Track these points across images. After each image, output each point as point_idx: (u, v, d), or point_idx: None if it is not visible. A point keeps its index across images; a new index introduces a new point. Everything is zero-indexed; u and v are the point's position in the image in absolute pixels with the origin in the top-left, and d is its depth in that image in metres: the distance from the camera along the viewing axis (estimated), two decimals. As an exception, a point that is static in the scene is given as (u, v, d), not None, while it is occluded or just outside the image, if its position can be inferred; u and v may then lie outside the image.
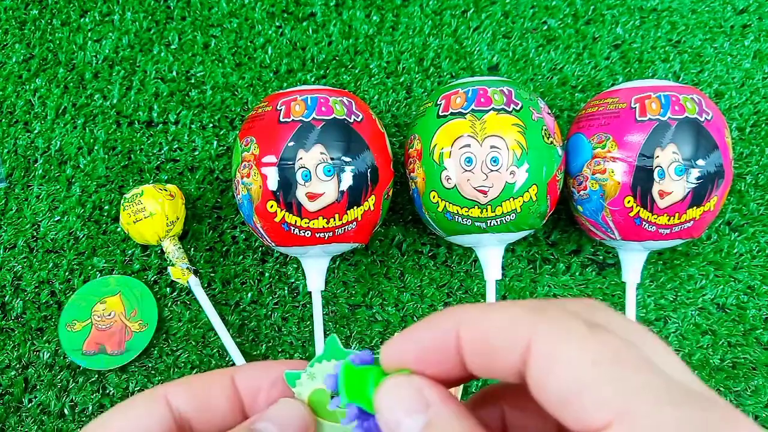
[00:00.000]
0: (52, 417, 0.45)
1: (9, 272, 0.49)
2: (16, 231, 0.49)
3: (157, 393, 0.18)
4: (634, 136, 0.40)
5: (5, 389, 0.46)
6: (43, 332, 0.47)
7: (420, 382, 0.16)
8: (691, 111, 0.40)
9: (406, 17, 0.55)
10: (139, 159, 0.51)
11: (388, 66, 0.54)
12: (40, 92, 0.53)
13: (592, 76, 0.54)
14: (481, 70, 0.54)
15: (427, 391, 0.16)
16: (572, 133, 0.45)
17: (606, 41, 0.55)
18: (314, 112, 0.41)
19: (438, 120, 0.41)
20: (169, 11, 0.55)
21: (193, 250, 0.49)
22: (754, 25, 0.55)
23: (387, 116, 0.53)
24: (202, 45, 0.54)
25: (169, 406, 0.18)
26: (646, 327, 0.15)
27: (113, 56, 0.54)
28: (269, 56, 0.54)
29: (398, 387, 0.17)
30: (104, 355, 0.45)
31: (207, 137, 0.52)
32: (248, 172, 0.41)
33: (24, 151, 0.51)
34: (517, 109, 0.41)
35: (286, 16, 0.55)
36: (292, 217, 0.40)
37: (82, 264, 0.49)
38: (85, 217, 0.50)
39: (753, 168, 0.51)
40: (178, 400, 0.18)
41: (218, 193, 0.51)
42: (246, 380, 0.19)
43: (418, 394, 0.16)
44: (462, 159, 0.40)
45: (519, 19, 0.55)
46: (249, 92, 0.53)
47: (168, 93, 0.53)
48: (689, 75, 0.54)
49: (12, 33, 0.54)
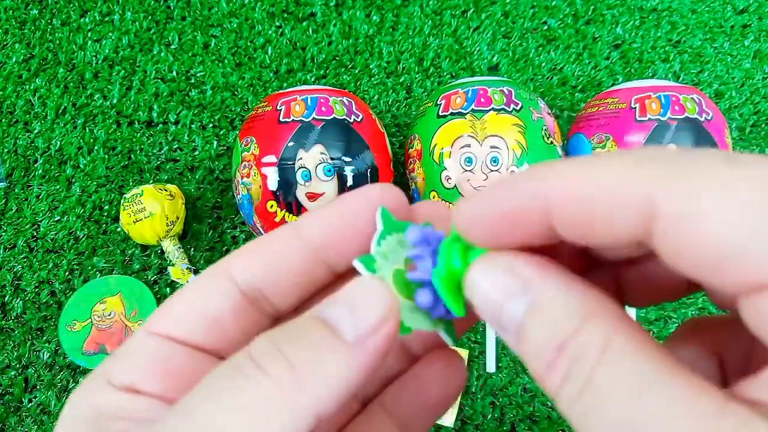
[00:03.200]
0: (52, 417, 0.45)
1: (9, 272, 0.48)
2: (16, 231, 0.49)
3: (218, 269, 0.16)
4: (634, 136, 0.40)
5: (5, 389, 0.46)
6: (43, 332, 0.47)
7: (510, 258, 0.14)
8: (691, 111, 0.40)
9: (406, 17, 0.55)
10: (139, 159, 0.51)
11: (388, 66, 0.54)
12: (40, 92, 0.53)
13: (592, 76, 0.54)
14: (481, 70, 0.54)
15: (521, 267, 0.13)
16: (572, 133, 0.45)
17: (606, 41, 0.54)
18: (314, 112, 0.41)
19: (438, 120, 0.41)
20: (169, 11, 0.55)
21: (193, 250, 0.49)
22: (754, 25, 0.55)
23: (387, 116, 0.53)
24: (202, 45, 0.54)
25: (233, 281, 0.16)
26: None
27: (113, 56, 0.54)
28: (269, 56, 0.54)
29: (489, 269, 0.14)
30: (104, 355, 0.45)
31: (207, 137, 0.52)
32: (248, 172, 0.41)
33: (24, 151, 0.51)
34: (517, 109, 0.41)
35: (286, 16, 0.55)
36: (292, 217, 0.40)
37: (82, 264, 0.49)
38: (85, 217, 0.50)
39: (753, 168, 0.51)
40: (242, 273, 0.16)
41: (218, 193, 0.51)
42: (317, 233, 0.16)
43: (512, 274, 0.13)
44: (462, 159, 0.40)
45: (519, 19, 0.55)
46: (249, 92, 0.53)
47: (168, 93, 0.53)
48: (689, 75, 0.54)
49: (12, 33, 0.54)
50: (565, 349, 0.12)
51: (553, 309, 0.13)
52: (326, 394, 0.13)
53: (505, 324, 0.13)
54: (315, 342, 0.13)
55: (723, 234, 0.10)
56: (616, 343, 0.12)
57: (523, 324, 0.13)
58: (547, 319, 0.13)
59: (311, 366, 0.13)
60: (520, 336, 0.13)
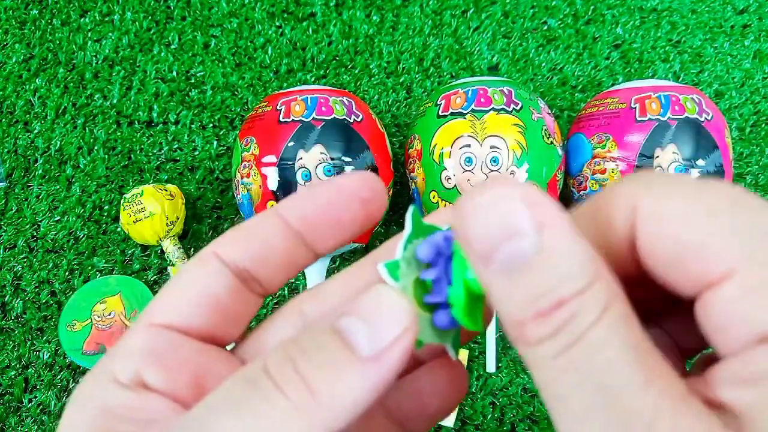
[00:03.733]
0: (52, 417, 0.45)
1: (9, 272, 0.48)
2: (16, 231, 0.49)
3: (205, 253, 0.16)
4: (634, 136, 0.40)
5: (5, 389, 0.46)
6: (43, 332, 0.47)
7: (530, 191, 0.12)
8: (691, 111, 0.40)
9: (406, 17, 0.55)
10: (139, 159, 0.51)
11: (388, 66, 0.54)
12: (40, 92, 0.53)
13: (592, 76, 0.54)
14: (481, 70, 0.54)
15: (540, 204, 0.12)
16: (572, 133, 0.45)
17: (606, 41, 0.55)
18: (314, 112, 0.41)
19: (438, 120, 0.41)
20: (169, 11, 0.55)
21: (193, 250, 0.49)
22: (754, 25, 0.55)
23: (387, 116, 0.53)
24: (202, 45, 0.54)
25: (221, 261, 0.16)
26: None
27: (113, 56, 0.54)
28: (269, 56, 0.54)
29: (498, 199, 0.12)
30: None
31: (207, 137, 0.52)
32: (248, 172, 0.41)
33: (24, 151, 0.51)
34: (517, 109, 0.41)
35: (286, 16, 0.55)
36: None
37: (82, 264, 0.49)
38: (85, 217, 0.50)
39: (753, 168, 0.51)
40: (230, 255, 0.16)
41: (218, 193, 0.51)
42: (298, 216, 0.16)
43: (527, 210, 0.12)
44: (462, 159, 0.40)
45: (519, 19, 0.55)
46: (249, 92, 0.53)
47: (168, 93, 0.53)
48: (689, 75, 0.54)
49: (12, 33, 0.54)
50: (564, 305, 0.12)
51: (566, 259, 0.12)
52: (341, 411, 0.13)
53: (497, 260, 0.12)
54: (331, 358, 0.13)
55: (683, 232, 0.12)
56: (613, 308, 0.12)
57: (524, 266, 0.12)
58: (555, 269, 0.12)
59: (328, 387, 0.13)
60: (513, 278, 0.12)
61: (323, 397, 0.13)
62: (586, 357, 0.11)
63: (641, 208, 0.13)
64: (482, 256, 0.12)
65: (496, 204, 0.12)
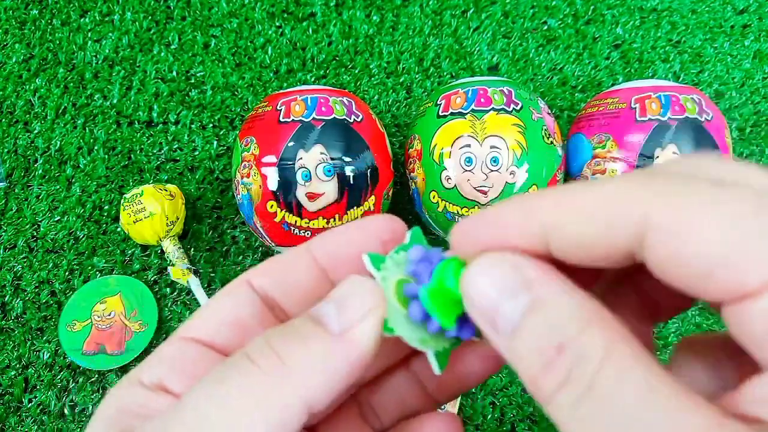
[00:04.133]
0: (52, 417, 0.45)
1: (9, 272, 0.48)
2: (16, 231, 0.49)
3: (240, 281, 0.18)
4: (634, 137, 0.40)
5: (5, 389, 0.46)
6: (43, 332, 0.47)
7: (515, 257, 0.14)
8: (691, 111, 0.40)
9: (406, 17, 0.55)
10: (139, 159, 0.51)
11: (388, 66, 0.54)
12: (40, 92, 0.53)
13: (592, 76, 0.54)
14: (481, 70, 0.54)
15: (525, 266, 0.13)
16: (572, 133, 0.45)
17: (606, 41, 0.54)
18: (314, 112, 0.41)
19: (438, 120, 0.41)
20: (169, 11, 0.55)
21: (193, 250, 0.49)
22: (754, 25, 0.55)
23: (387, 116, 0.53)
24: (202, 45, 0.54)
25: (253, 291, 0.18)
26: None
27: (113, 56, 0.54)
28: (269, 56, 0.54)
29: (491, 266, 0.14)
30: (104, 355, 0.45)
31: (207, 137, 0.52)
32: (248, 172, 0.41)
33: (24, 151, 0.51)
34: (517, 109, 0.41)
35: (286, 16, 0.55)
36: (292, 217, 0.40)
37: (82, 264, 0.49)
38: (85, 217, 0.50)
39: (753, 168, 0.51)
40: (260, 284, 0.18)
41: (218, 193, 0.51)
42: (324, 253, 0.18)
43: (515, 271, 0.14)
44: (462, 159, 0.40)
45: (519, 19, 0.55)
46: (249, 92, 0.53)
47: (168, 93, 0.53)
48: (689, 75, 0.54)
49: (12, 33, 0.54)
50: (565, 349, 0.12)
51: (557, 308, 0.13)
52: (314, 382, 0.14)
53: (500, 322, 0.13)
54: (303, 334, 0.15)
55: (710, 244, 0.11)
56: (618, 349, 0.12)
57: (521, 322, 0.13)
58: (549, 318, 0.13)
59: (297, 356, 0.14)
60: (515, 335, 0.13)
61: (293, 367, 0.14)
62: (603, 406, 0.11)
63: (654, 219, 0.12)
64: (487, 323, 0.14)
65: (489, 273, 0.14)
